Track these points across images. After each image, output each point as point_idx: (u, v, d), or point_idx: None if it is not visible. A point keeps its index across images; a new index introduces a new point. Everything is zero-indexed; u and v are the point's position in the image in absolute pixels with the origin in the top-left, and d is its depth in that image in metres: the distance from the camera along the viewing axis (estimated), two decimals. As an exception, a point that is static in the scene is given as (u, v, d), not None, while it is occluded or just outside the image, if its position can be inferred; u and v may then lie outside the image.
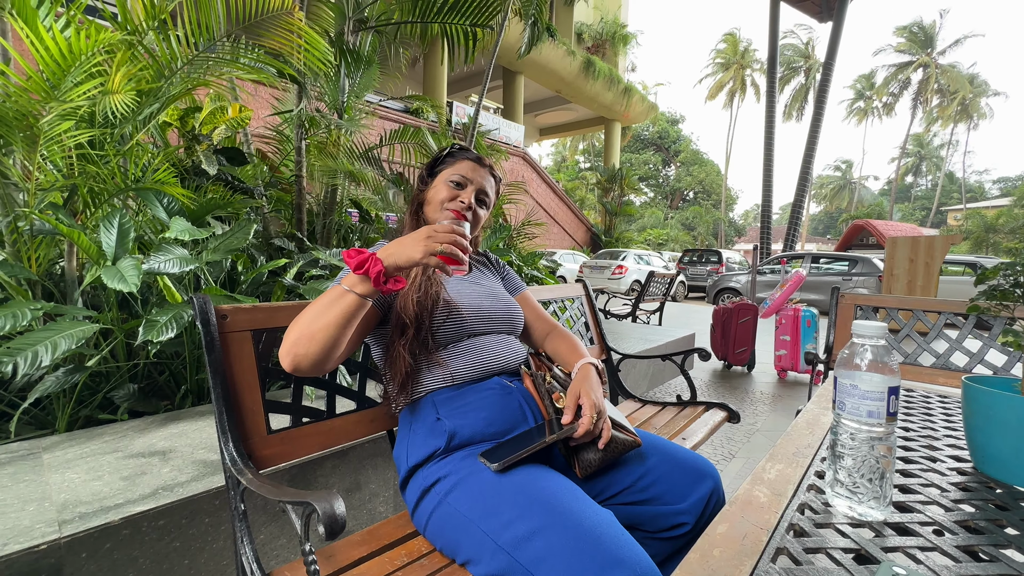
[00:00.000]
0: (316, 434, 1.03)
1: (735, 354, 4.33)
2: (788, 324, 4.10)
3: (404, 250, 0.77)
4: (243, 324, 0.96)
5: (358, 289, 0.78)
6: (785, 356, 4.12)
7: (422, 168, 1.14)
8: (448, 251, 0.77)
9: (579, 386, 0.93)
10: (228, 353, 0.93)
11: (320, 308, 0.79)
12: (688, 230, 35.69)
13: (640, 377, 3.12)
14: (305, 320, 0.79)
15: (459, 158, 1.09)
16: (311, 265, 2.37)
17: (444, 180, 1.06)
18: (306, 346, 0.78)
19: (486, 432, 0.90)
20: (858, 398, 0.65)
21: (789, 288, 4.17)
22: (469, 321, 1.00)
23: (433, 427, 0.91)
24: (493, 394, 0.95)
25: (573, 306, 1.99)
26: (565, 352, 1.09)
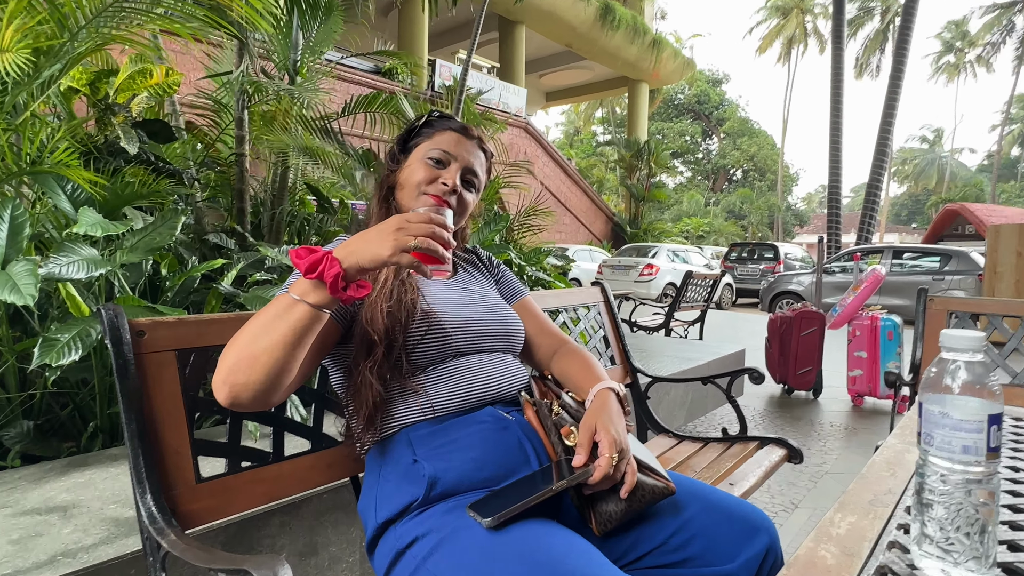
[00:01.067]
0: (259, 482, 1.03)
1: (796, 375, 4.33)
2: (864, 336, 4.10)
3: (369, 246, 0.77)
4: (166, 343, 0.96)
5: (311, 298, 0.78)
6: (860, 377, 4.12)
7: (393, 143, 1.14)
8: (425, 246, 0.76)
9: (595, 418, 0.92)
10: (147, 380, 0.93)
11: (264, 323, 0.79)
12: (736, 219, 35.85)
13: (675, 406, 3.11)
14: (245, 339, 0.79)
15: (439, 129, 1.10)
16: (255, 267, 2.37)
17: (421, 157, 1.07)
18: (247, 373, 0.78)
19: (476, 477, 0.89)
20: (950, 429, 0.64)
21: (865, 291, 4.17)
22: (454, 337, 1.00)
23: (409, 472, 0.90)
24: (485, 429, 0.94)
25: (589, 316, 1.99)
26: (578, 374, 1.08)
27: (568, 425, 0.94)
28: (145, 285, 1.96)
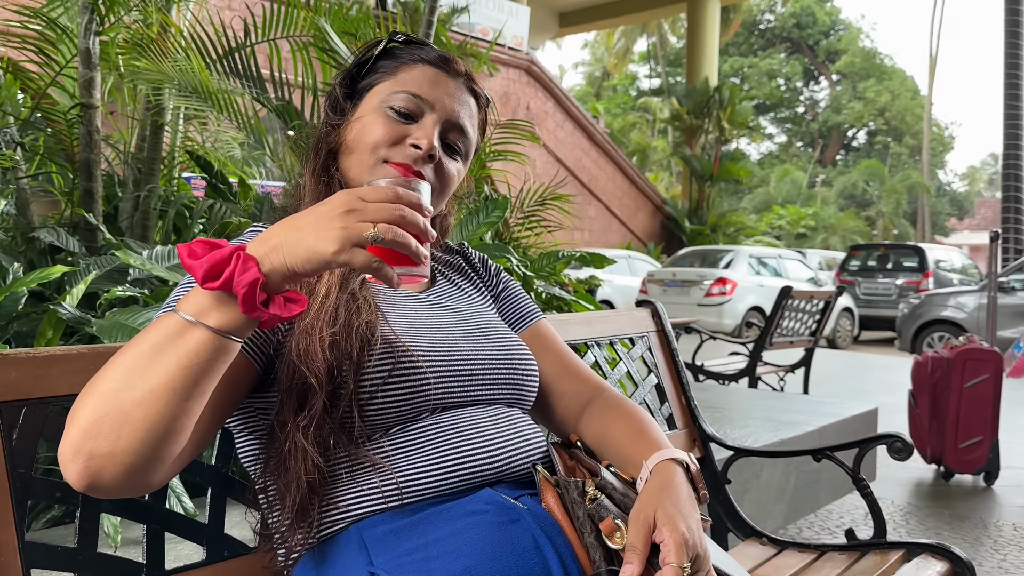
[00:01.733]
0: (125, 611, 1.03)
1: (959, 450, 4.33)
2: (1061, 387, 4.11)
3: (303, 238, 0.77)
4: (-20, 392, 0.96)
5: (212, 319, 0.77)
6: (1058, 452, 4.12)
7: (333, 85, 1.17)
8: (391, 238, 0.76)
9: (654, 506, 0.92)
10: (-49, 449, 0.93)
11: (139, 359, 0.78)
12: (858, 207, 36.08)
13: (770, 496, 3.11)
14: (109, 385, 0.79)
15: (406, 61, 1.12)
16: (113, 279, 2.39)
17: (379, 105, 1.09)
18: (112, 438, 0.77)
19: None
20: None
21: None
22: (433, 380, 1.01)
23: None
24: (482, 524, 0.95)
25: (632, 354, 2.01)
26: (624, 438, 1.10)
27: (611, 517, 0.95)
28: (-58, 307, 1.97)
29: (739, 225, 20.71)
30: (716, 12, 22.57)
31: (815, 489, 3.42)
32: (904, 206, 35.65)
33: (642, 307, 2.13)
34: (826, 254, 19.82)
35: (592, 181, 18.35)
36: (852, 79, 43.18)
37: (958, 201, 43.93)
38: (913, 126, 41.19)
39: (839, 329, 12.77)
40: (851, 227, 29.63)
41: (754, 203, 34.65)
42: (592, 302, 3.74)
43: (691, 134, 20.74)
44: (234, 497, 1.18)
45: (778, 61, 44.05)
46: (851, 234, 28.24)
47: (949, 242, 37.08)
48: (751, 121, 19.99)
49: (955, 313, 10.07)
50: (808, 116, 45.72)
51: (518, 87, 16.53)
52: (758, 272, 13.06)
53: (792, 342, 6.02)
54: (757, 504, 2.97)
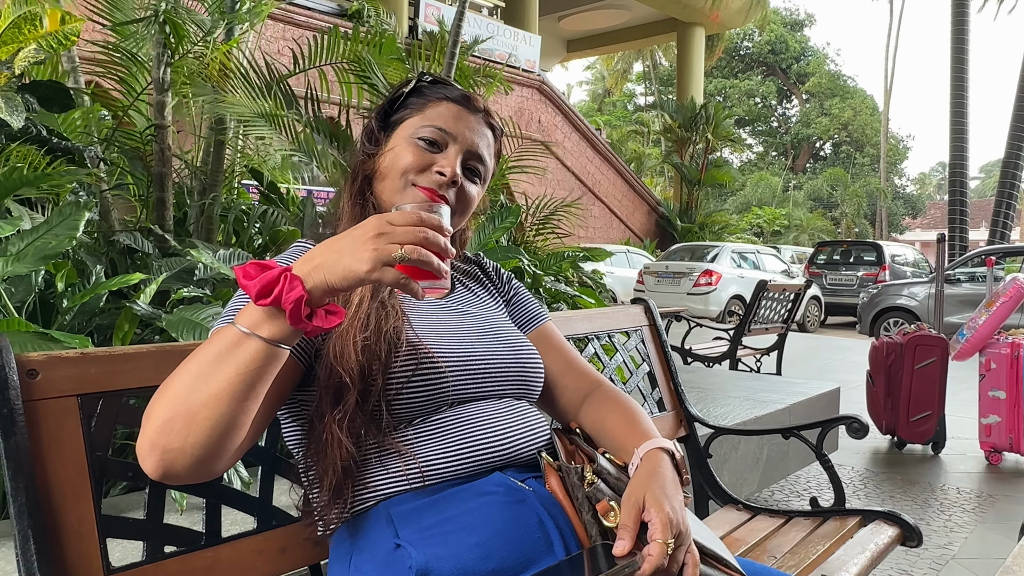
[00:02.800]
0: (188, 573, 1.03)
1: (910, 423, 4.32)
2: (1002, 370, 4.08)
3: (340, 259, 0.77)
4: (65, 385, 0.96)
5: (265, 330, 0.78)
6: (999, 426, 4.09)
7: (369, 118, 1.15)
8: (415, 257, 0.77)
9: (643, 489, 0.92)
10: (40, 436, 0.93)
11: (203, 367, 0.80)
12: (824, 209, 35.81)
13: (746, 466, 3.10)
14: (179, 388, 0.80)
15: (432, 98, 1.11)
16: (181, 279, 2.40)
17: (408, 137, 1.08)
18: (182, 435, 0.78)
19: (481, 569, 0.89)
20: None
21: (1003, 307, 4.15)
22: (451, 378, 1.01)
23: (389, 560, 0.91)
24: (493, 503, 0.95)
25: (627, 345, 2.00)
26: (618, 428, 1.09)
27: (606, 499, 0.95)
28: (35, 304, 1.98)
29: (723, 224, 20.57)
30: (702, 40, 22.39)
31: (785, 459, 3.41)
32: (864, 208, 35.37)
33: (636, 304, 2.12)
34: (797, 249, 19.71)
35: (595, 185, 18.29)
36: (819, 98, 42.86)
37: (911, 203, 43.55)
38: (872, 138, 40.87)
39: (808, 315, 12.70)
40: (818, 226, 29.40)
41: (736, 205, 34.43)
42: (593, 295, 3.73)
43: (681, 144, 20.59)
44: (280, 474, 1.18)
45: (755, 82, 43.72)
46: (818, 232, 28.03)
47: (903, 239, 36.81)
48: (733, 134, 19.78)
49: (908, 301, 10.00)
50: (781, 130, 45.36)
51: (531, 104, 16.47)
52: (739, 265, 12.98)
53: (767, 328, 6.00)
54: (735, 474, 2.96)
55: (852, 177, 38.11)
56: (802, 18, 45.39)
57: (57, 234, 1.80)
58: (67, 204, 1.96)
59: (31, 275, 1.89)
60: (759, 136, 45.72)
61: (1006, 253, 10.35)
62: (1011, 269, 9.45)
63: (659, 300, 11.38)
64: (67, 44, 3.06)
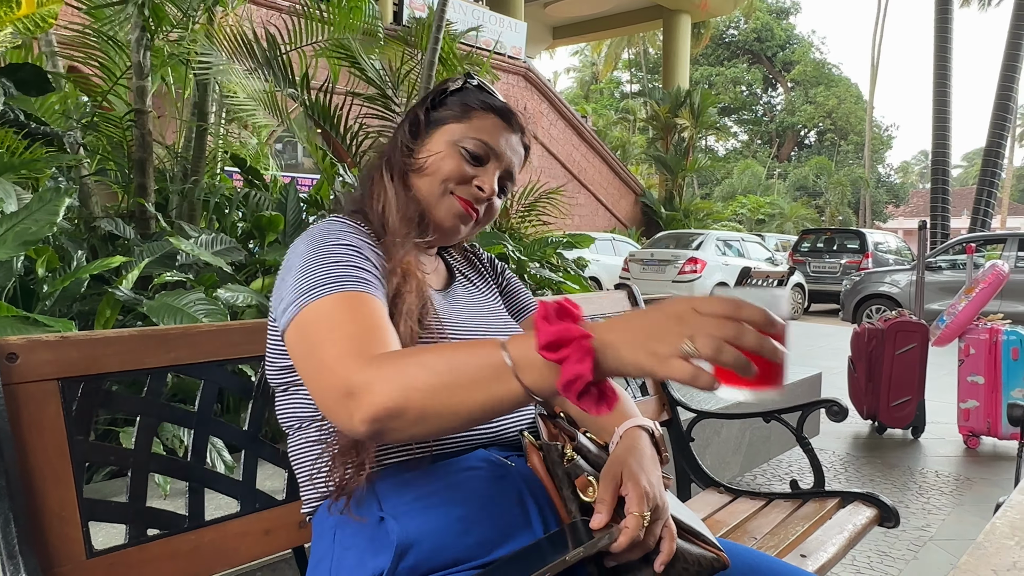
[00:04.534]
0: (172, 557, 1.03)
1: (890, 408, 4.36)
2: (980, 356, 4.12)
3: (636, 347, 0.70)
4: (46, 368, 0.96)
5: (530, 377, 0.72)
6: (976, 410, 4.14)
7: (413, 109, 1.14)
8: (727, 360, 0.67)
9: (621, 465, 0.93)
10: (20, 420, 0.93)
11: (455, 378, 0.75)
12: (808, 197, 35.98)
13: (728, 450, 3.13)
14: (426, 384, 0.76)
15: (477, 108, 1.11)
16: (163, 264, 2.38)
17: (454, 142, 1.08)
18: (408, 425, 0.76)
19: (461, 544, 0.90)
20: (1095, 485, 0.65)
21: (982, 294, 4.20)
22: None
23: (372, 534, 0.91)
24: (476, 478, 0.96)
25: (612, 330, 2.01)
26: None
27: (585, 475, 0.95)
28: (15, 289, 1.96)
29: (708, 212, 20.65)
30: (687, 27, 22.39)
31: (767, 443, 3.44)
32: (848, 196, 35.56)
33: (620, 289, 2.13)
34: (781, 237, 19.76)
35: (581, 172, 18.28)
36: (804, 86, 42.98)
37: (894, 191, 43.85)
38: (856, 127, 41.05)
39: (792, 302, 12.78)
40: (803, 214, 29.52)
41: (721, 193, 34.53)
42: (578, 281, 3.74)
43: (666, 132, 20.61)
44: (263, 458, 1.18)
45: (741, 70, 43.75)
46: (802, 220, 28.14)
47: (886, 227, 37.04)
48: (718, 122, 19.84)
49: (890, 288, 10.08)
50: (767, 118, 45.47)
51: (517, 91, 16.41)
52: (724, 253, 13.03)
53: (750, 315, 6.03)
54: (717, 457, 2.99)
55: (836, 165, 38.30)
56: (788, 6, 45.41)
57: (37, 219, 1.78)
58: (47, 190, 1.94)
59: (11, 261, 1.87)
60: (744, 124, 45.83)
61: (986, 241, 10.46)
62: (991, 256, 9.55)
63: (645, 287, 11.39)
64: (44, 27, 3.02)
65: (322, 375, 0.81)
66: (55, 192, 1.87)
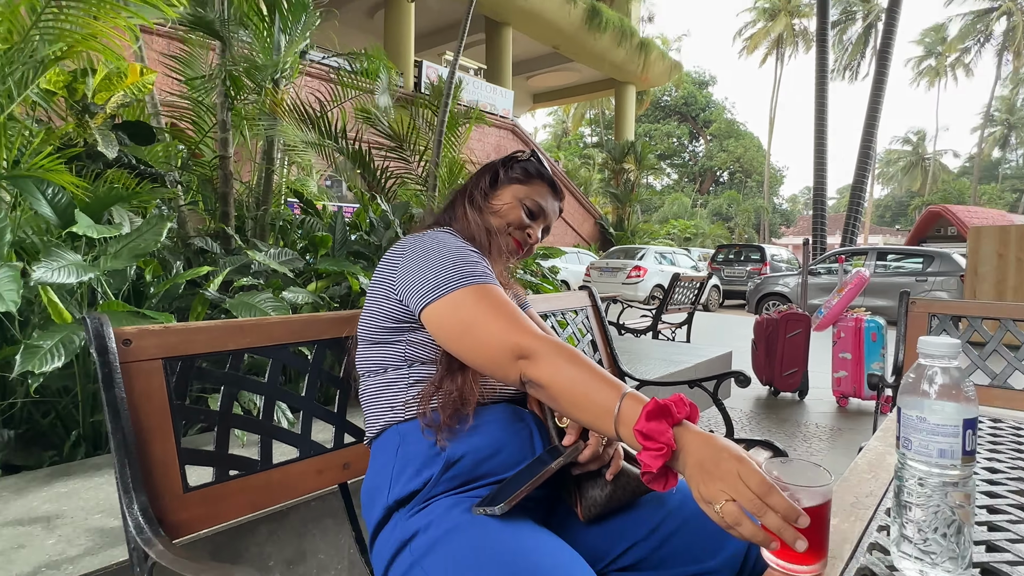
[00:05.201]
0: (247, 491, 1.03)
1: (782, 377, 4.39)
2: (848, 338, 4.16)
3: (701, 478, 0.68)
4: (152, 351, 0.96)
5: (623, 432, 0.74)
6: (845, 379, 4.18)
7: (494, 165, 1.17)
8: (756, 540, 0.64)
9: None
10: (132, 389, 0.92)
11: (585, 398, 0.78)
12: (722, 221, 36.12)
13: (663, 409, 3.15)
14: (572, 387, 0.79)
15: (535, 176, 1.16)
16: (241, 272, 2.36)
17: (518, 198, 1.12)
18: (553, 395, 0.81)
19: (491, 463, 0.93)
20: (927, 434, 0.66)
21: (849, 292, 4.24)
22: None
23: (429, 451, 0.93)
24: (503, 419, 0.98)
25: (576, 320, 2.01)
26: None
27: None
28: (128, 291, 1.94)
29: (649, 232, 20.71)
30: (632, 95, 22.47)
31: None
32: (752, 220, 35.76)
33: (583, 290, 2.13)
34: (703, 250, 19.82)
35: (554, 203, 18.26)
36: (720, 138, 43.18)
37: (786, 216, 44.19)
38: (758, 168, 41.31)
39: (710, 299, 12.83)
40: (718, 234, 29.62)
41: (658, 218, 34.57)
42: (552, 284, 3.74)
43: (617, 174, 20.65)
44: (317, 416, 1.18)
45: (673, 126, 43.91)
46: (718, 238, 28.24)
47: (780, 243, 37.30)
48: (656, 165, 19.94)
49: (783, 288, 10.13)
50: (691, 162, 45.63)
51: (506, 141, 16.39)
52: (660, 262, 13.04)
53: (680, 308, 6.05)
54: (655, 414, 3.01)
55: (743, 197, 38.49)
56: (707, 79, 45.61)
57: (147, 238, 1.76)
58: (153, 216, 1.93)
59: (126, 269, 1.86)
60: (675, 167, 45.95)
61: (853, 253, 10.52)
62: (857, 265, 9.63)
63: (601, 288, 11.45)
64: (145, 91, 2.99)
65: (493, 339, 0.86)
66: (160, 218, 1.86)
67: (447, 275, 0.92)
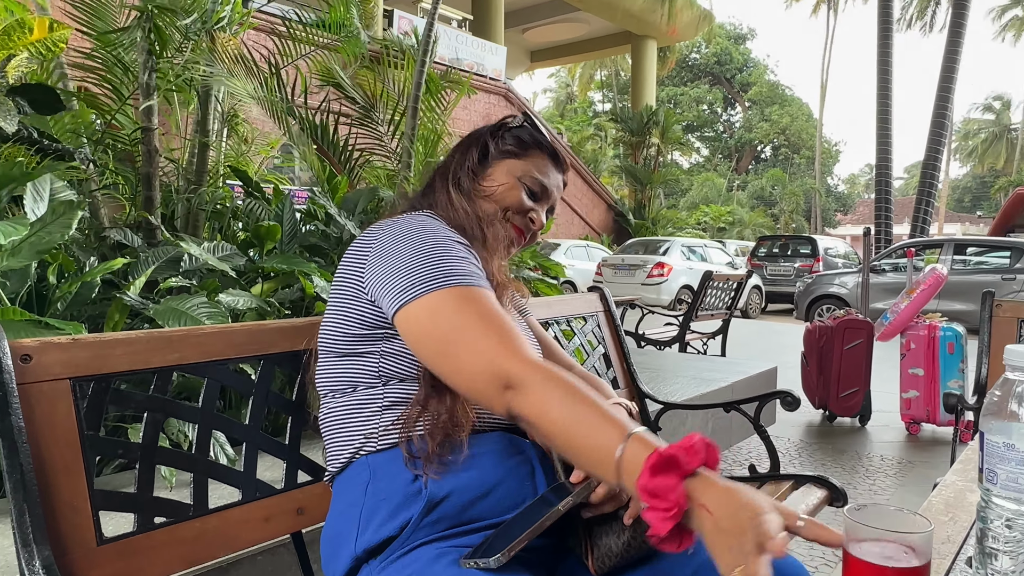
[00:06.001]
0: (176, 543, 1.03)
1: (839, 399, 4.41)
2: (920, 350, 4.18)
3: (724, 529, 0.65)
4: (58, 369, 0.95)
5: (625, 478, 0.72)
6: (916, 400, 4.20)
7: (482, 136, 1.16)
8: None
9: None
10: (33, 417, 0.92)
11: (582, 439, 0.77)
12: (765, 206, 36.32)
13: (693, 438, 3.15)
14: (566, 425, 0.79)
15: (532, 147, 1.15)
16: (168, 269, 2.35)
17: (515, 176, 1.13)
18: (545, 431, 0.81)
19: (480, 506, 0.92)
20: (1016, 464, 0.67)
21: (921, 295, 4.26)
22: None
23: (408, 488, 0.93)
24: (498, 452, 0.97)
25: (585, 329, 2.01)
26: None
27: None
28: (29, 295, 1.93)
29: (673, 220, 20.80)
30: (654, 51, 22.55)
31: (728, 432, 3.46)
32: (801, 205, 35.94)
33: (592, 291, 2.13)
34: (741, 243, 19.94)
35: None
36: (760, 105, 43.42)
37: (842, 201, 44.43)
38: (808, 142, 41.52)
39: (750, 302, 12.88)
40: (760, 222, 29.78)
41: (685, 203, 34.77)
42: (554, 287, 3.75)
43: (635, 148, 20.75)
44: (263, 450, 1.17)
45: (703, 90, 44.15)
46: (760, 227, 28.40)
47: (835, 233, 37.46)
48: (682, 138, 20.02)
49: (839, 290, 10.20)
50: (726, 134, 45.89)
51: (497, 110, 16.42)
52: (688, 257, 13.12)
53: (712, 315, 6.07)
54: (683, 444, 3.01)
55: (790, 177, 38.69)
56: (744, 32, 45.88)
57: (52, 230, 1.76)
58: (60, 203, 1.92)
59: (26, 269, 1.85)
60: (706, 141, 46.20)
61: (925, 246, 10.60)
62: (930, 260, 9.69)
63: (616, 290, 11.42)
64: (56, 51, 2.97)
65: (477, 360, 0.85)
66: (68, 206, 1.85)
67: (425, 271, 0.92)
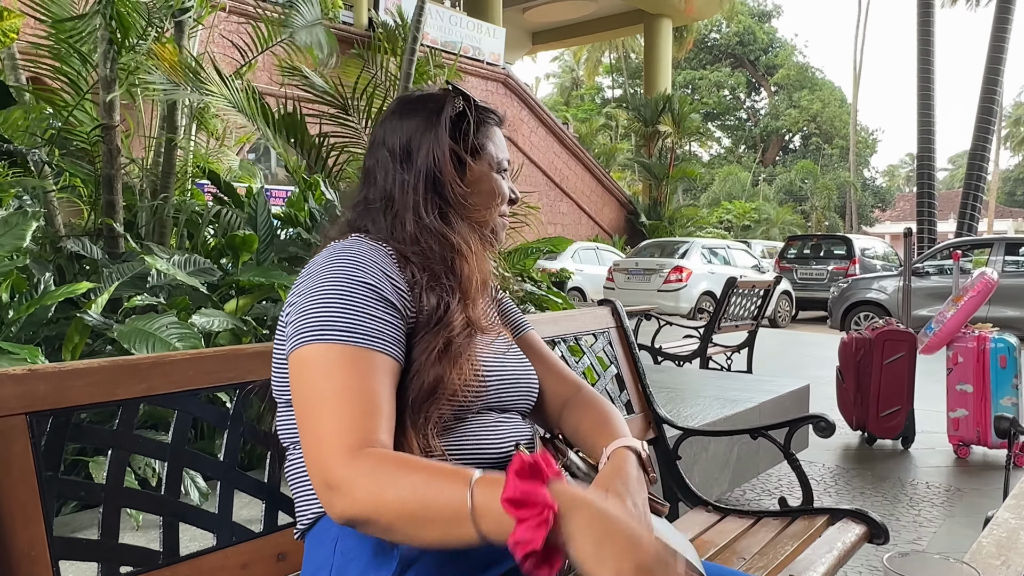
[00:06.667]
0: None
1: (879, 419, 4.40)
2: (968, 364, 4.17)
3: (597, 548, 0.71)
4: (12, 402, 0.96)
5: (487, 524, 0.74)
6: (965, 420, 4.19)
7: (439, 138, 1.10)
8: None
9: (606, 485, 0.97)
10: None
11: (426, 511, 0.78)
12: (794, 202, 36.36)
13: (716, 467, 3.14)
14: (405, 508, 0.79)
15: (491, 124, 1.17)
16: (133, 285, 2.36)
17: (494, 168, 1.14)
18: (373, 530, 0.82)
19: (460, 564, 0.93)
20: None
21: (970, 302, 4.25)
22: (490, 393, 1.06)
23: (378, 547, 0.93)
24: None
25: (595, 347, 2.02)
26: (591, 429, 1.13)
27: None
28: (-23, 315, 1.94)
29: (693, 219, 20.80)
30: (669, 31, 22.59)
31: (755, 459, 3.46)
32: (834, 200, 35.95)
33: (603, 305, 2.14)
34: (767, 244, 19.94)
35: (563, 180, 18.36)
36: (788, 90, 43.45)
37: (880, 195, 44.39)
38: (841, 130, 41.50)
39: (779, 310, 12.87)
40: (788, 220, 29.82)
41: (706, 199, 34.79)
42: (560, 296, 3.75)
43: (648, 139, 20.79)
44: (241, 488, 1.18)
45: (724, 74, 44.24)
46: (788, 226, 28.46)
47: (873, 232, 37.51)
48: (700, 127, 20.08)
49: (878, 295, 10.18)
50: (750, 122, 45.97)
51: (495, 97, 16.45)
52: (710, 261, 13.10)
53: (737, 326, 6.07)
54: (705, 474, 3.00)
55: (822, 170, 38.66)
56: (769, 9, 46.02)
57: (2, 244, 1.77)
58: (12, 214, 1.93)
59: (-27, 286, 1.86)
60: (728, 130, 46.28)
61: (973, 245, 10.60)
62: (979, 262, 9.67)
63: (629, 298, 11.47)
64: (6, 41, 3.00)
65: (313, 445, 0.86)
66: (21, 215, 1.86)
67: (315, 317, 0.93)
